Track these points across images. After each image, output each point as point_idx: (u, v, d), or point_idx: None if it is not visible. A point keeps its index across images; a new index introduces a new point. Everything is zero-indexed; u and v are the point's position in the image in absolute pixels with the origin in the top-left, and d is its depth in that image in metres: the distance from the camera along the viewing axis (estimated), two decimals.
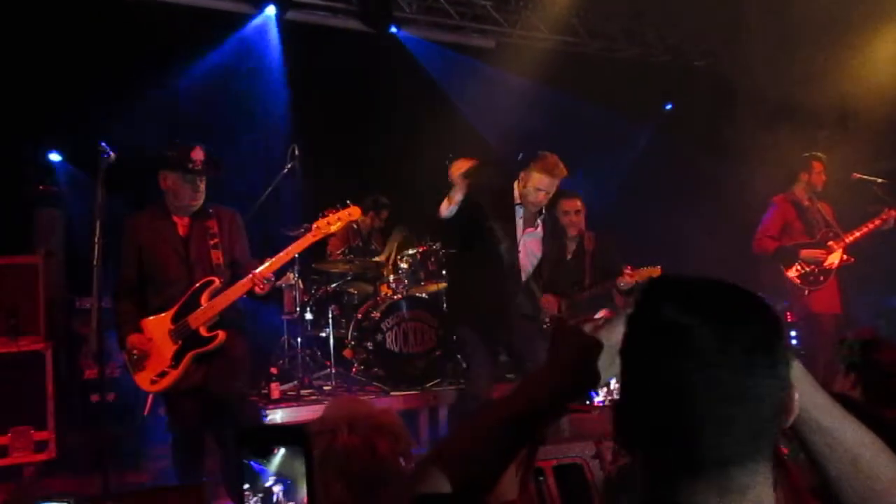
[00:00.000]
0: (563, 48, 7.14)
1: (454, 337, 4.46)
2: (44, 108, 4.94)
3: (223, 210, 3.49)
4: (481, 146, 4.16)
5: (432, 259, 5.30)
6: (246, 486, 0.91)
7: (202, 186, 3.33)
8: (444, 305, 5.04)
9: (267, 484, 0.91)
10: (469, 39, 7.01)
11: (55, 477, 4.25)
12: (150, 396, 3.27)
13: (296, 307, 5.28)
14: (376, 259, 5.73)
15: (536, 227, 3.91)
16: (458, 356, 4.99)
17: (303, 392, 4.93)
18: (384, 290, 5.41)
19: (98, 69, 5.22)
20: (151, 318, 3.28)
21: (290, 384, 5.05)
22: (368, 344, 5.14)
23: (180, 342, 3.23)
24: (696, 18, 6.73)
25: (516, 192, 3.88)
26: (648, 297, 0.82)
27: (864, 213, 5.00)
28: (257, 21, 6.15)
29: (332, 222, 3.40)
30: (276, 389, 4.75)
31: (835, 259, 4.92)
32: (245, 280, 3.23)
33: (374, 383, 5.05)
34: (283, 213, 5.15)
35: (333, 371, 5.15)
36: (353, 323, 5.33)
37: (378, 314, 5.11)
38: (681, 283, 0.82)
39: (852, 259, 4.94)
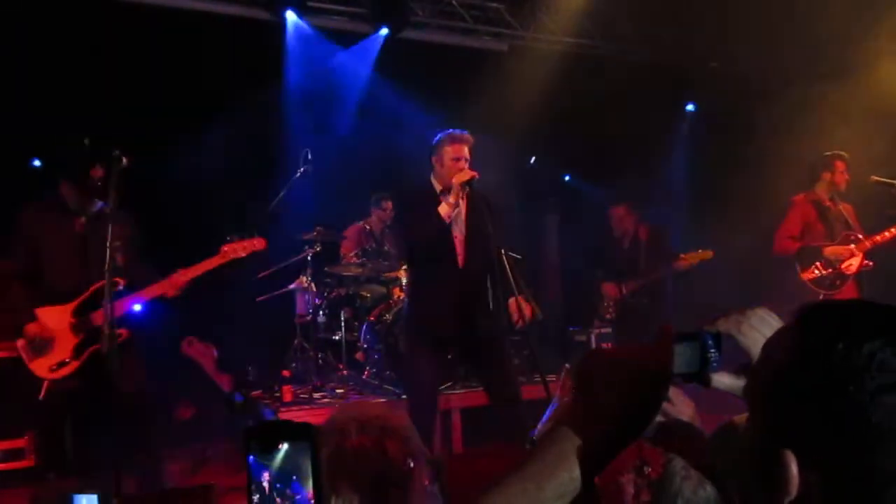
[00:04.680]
0: (576, 51, 7.11)
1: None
2: (47, 115, 4.97)
3: (123, 215, 3.56)
4: (491, 149, 4.15)
5: None
6: (253, 485, 0.90)
7: (114, 193, 3.37)
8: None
9: (266, 480, 0.90)
10: (482, 43, 7.00)
11: (69, 479, 4.28)
12: (46, 383, 3.34)
13: (308, 310, 5.29)
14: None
15: (459, 207, 3.78)
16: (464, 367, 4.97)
17: (315, 395, 4.94)
18: (396, 293, 5.41)
19: (107, 75, 5.27)
20: (48, 308, 3.39)
21: (303, 387, 5.07)
22: (380, 347, 5.14)
23: (82, 335, 3.37)
24: (712, 19, 6.67)
25: (435, 185, 3.81)
26: (846, 332, 0.69)
27: (883, 217, 4.91)
28: (272, 25, 6.19)
29: (239, 250, 3.56)
30: (288, 392, 4.78)
31: (854, 263, 4.82)
32: (160, 284, 3.43)
33: (386, 386, 5.04)
34: (296, 216, 5.17)
35: (345, 374, 5.16)
36: (365, 326, 5.33)
37: (390, 317, 5.11)
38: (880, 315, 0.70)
39: (871, 263, 4.84)
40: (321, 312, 5.41)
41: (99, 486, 1.49)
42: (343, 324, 5.32)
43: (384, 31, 6.46)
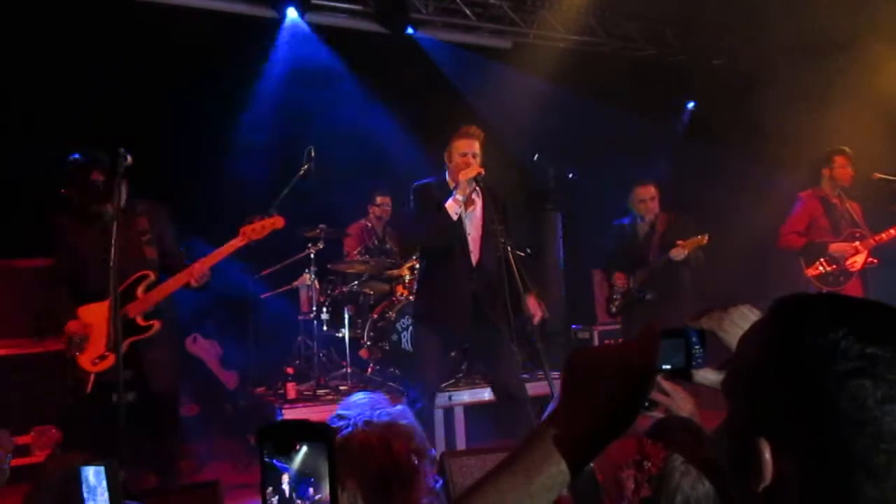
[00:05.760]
0: (580, 48, 7.10)
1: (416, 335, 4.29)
2: (65, 112, 5.00)
3: (152, 205, 3.70)
4: (495, 147, 4.15)
5: None
6: (269, 488, 0.89)
7: (119, 192, 3.38)
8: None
9: (285, 482, 0.89)
10: (485, 40, 7.00)
11: (77, 453, 4.31)
12: (92, 376, 3.45)
13: (312, 307, 5.31)
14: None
15: (475, 205, 3.81)
16: (470, 358, 4.99)
17: (319, 392, 4.96)
18: (400, 290, 5.42)
19: (119, 72, 5.29)
20: (88, 305, 3.50)
21: (307, 384, 5.09)
22: (384, 344, 5.16)
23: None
24: (715, 17, 6.66)
25: (449, 181, 3.81)
26: (812, 321, 0.72)
27: (886, 214, 4.91)
28: (273, 23, 6.21)
29: (258, 230, 3.61)
30: (292, 389, 4.79)
31: (858, 260, 4.82)
32: (182, 274, 3.51)
33: (390, 383, 5.06)
34: (299, 214, 5.18)
35: (349, 371, 5.18)
36: (368, 323, 5.34)
37: (393, 314, 5.13)
38: (852, 309, 0.73)
39: (876, 261, 4.84)
40: (324, 309, 5.42)
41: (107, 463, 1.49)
42: (346, 321, 5.34)
43: (410, 31, 6.49)
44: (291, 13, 6.20)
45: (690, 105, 7.89)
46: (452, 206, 3.66)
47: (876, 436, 0.66)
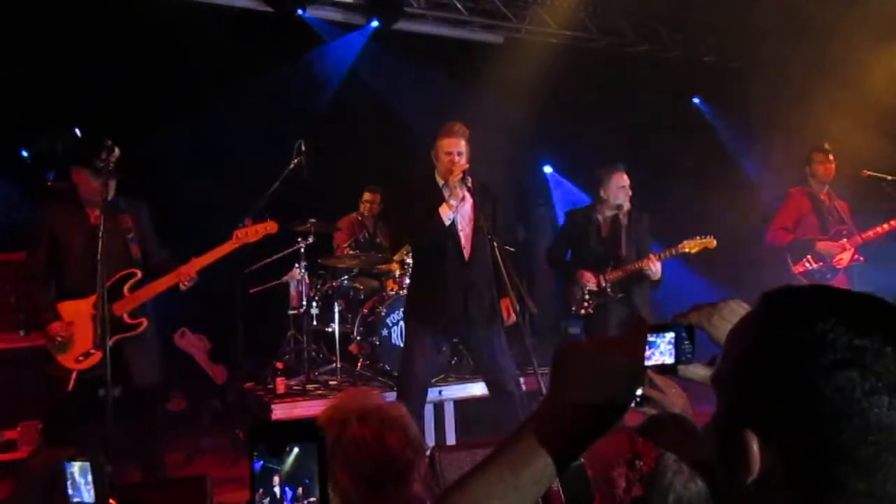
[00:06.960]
0: (572, 43, 7.10)
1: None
2: (50, 106, 4.95)
3: (134, 204, 3.68)
4: (484, 143, 4.13)
5: None
6: (260, 489, 0.88)
7: (113, 183, 3.42)
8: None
9: (276, 485, 0.88)
10: (477, 35, 6.98)
11: (61, 448, 4.27)
12: (75, 374, 3.40)
13: (302, 302, 5.29)
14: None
15: (464, 201, 3.78)
16: (461, 352, 4.99)
17: (308, 387, 4.95)
18: (390, 285, 5.41)
19: (104, 63, 5.24)
20: (69, 302, 3.45)
21: (296, 379, 5.07)
22: (374, 339, 5.15)
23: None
24: (707, 13, 6.68)
25: (438, 179, 3.80)
26: (801, 312, 0.71)
27: (876, 212, 4.94)
28: (270, 19, 6.16)
29: (251, 233, 3.63)
30: (281, 384, 4.77)
31: (845, 257, 4.86)
32: (171, 276, 3.50)
33: (380, 378, 5.05)
34: (289, 208, 5.15)
35: (339, 366, 5.17)
36: (358, 318, 5.33)
37: (384, 309, 5.12)
38: (841, 299, 0.72)
39: (862, 258, 4.88)
40: (314, 304, 5.40)
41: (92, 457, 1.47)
42: (336, 315, 5.33)
43: (374, 24, 6.43)
44: (288, 9, 6.15)
45: (697, 100, 7.90)
46: (446, 212, 3.66)
47: (863, 428, 0.65)
